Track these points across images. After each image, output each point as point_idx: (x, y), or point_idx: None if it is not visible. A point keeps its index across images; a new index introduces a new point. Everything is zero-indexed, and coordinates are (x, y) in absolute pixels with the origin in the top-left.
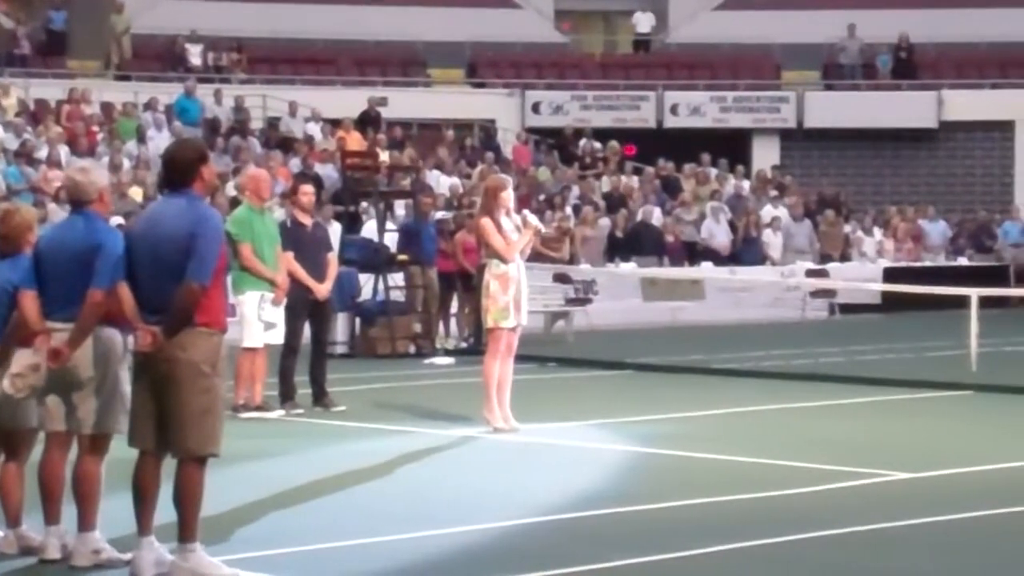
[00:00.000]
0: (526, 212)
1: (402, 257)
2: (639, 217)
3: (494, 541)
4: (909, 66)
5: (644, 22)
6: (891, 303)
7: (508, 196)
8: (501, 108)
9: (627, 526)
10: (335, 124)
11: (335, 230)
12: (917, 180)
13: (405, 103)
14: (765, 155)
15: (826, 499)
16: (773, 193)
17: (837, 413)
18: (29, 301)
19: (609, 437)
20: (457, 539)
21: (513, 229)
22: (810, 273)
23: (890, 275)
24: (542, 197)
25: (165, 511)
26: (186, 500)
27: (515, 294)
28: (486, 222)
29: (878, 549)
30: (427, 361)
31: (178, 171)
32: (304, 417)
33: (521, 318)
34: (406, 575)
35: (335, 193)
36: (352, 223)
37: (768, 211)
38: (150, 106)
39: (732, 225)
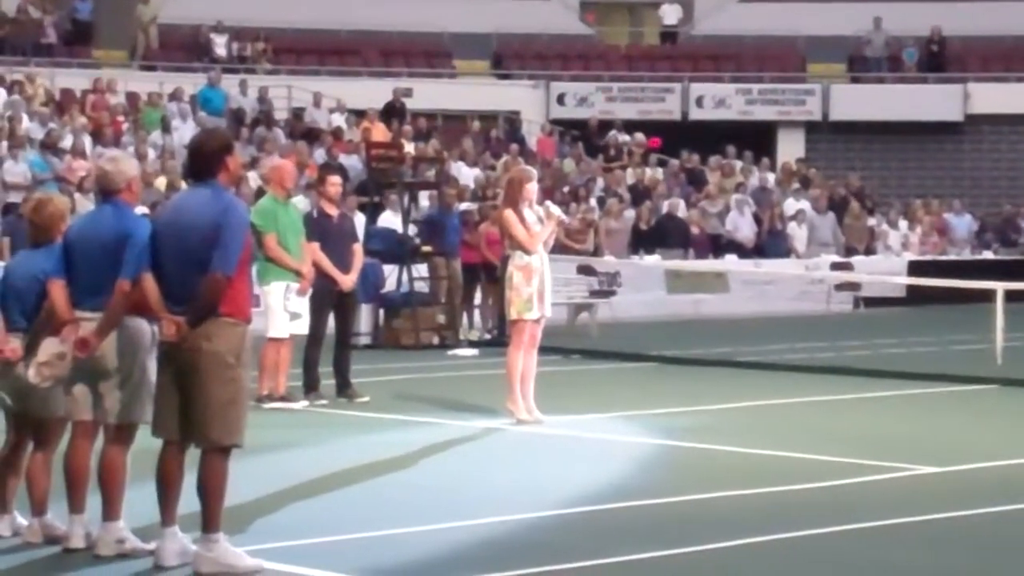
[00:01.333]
0: (548, 203)
1: (426, 248)
2: (664, 209)
3: (518, 533)
4: (936, 59)
5: (671, 14)
6: (916, 296)
7: (532, 188)
8: (526, 100)
9: (650, 519)
10: (360, 115)
11: (359, 221)
12: (942, 173)
13: (430, 94)
14: (790, 148)
15: (850, 493)
16: (797, 186)
17: (861, 407)
18: (58, 290)
19: (633, 429)
20: (481, 531)
21: (536, 221)
22: (835, 266)
23: (915, 268)
24: (566, 189)
25: (189, 501)
26: (210, 490)
27: (538, 285)
28: (509, 214)
29: (903, 543)
30: (451, 352)
31: (203, 161)
32: (328, 408)
33: (545, 309)
34: (429, 567)
35: (360, 184)
36: (376, 214)
37: (793, 204)
38: (175, 96)
39: (757, 218)
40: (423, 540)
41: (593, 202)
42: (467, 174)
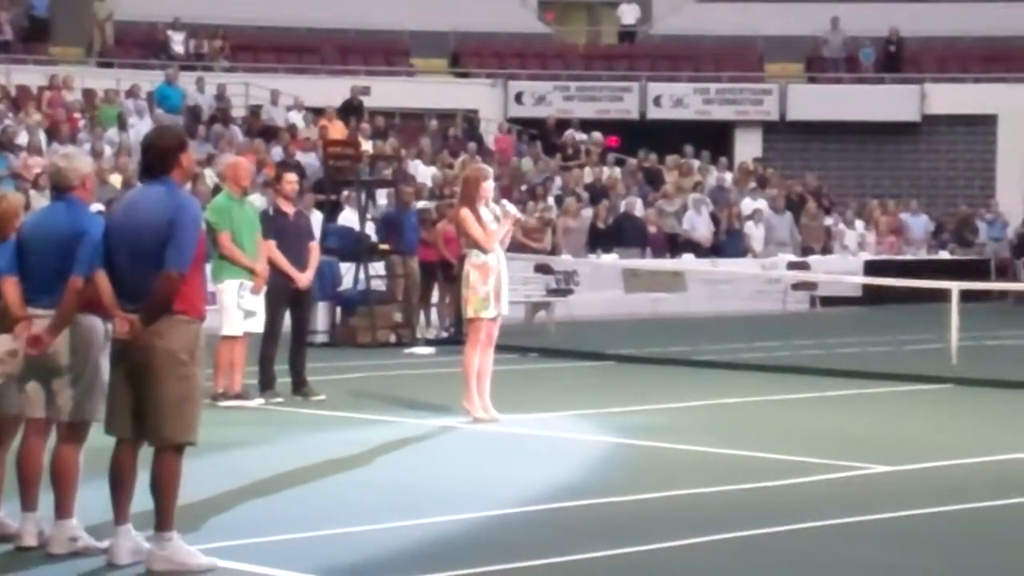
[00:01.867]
0: (504, 202)
1: (383, 246)
2: (621, 208)
3: (474, 531)
4: (893, 59)
5: (629, 13)
6: (872, 296)
7: (489, 186)
8: (484, 98)
9: (606, 517)
10: (317, 113)
11: (315, 219)
12: (899, 173)
13: (388, 92)
14: (747, 147)
15: (805, 491)
16: (755, 185)
17: (817, 406)
18: (11, 287)
19: (589, 428)
20: (437, 529)
21: (492, 219)
22: (791, 266)
23: (871, 268)
24: (524, 188)
25: (142, 499)
26: (163, 488)
27: (495, 284)
28: (466, 212)
29: (856, 542)
30: (408, 351)
31: (157, 158)
32: (284, 406)
33: (501, 308)
34: (385, 565)
35: (317, 182)
36: (334, 212)
37: (750, 203)
38: (132, 93)
39: (714, 217)
40: (378, 538)
41: (551, 201)
42: (424, 172)
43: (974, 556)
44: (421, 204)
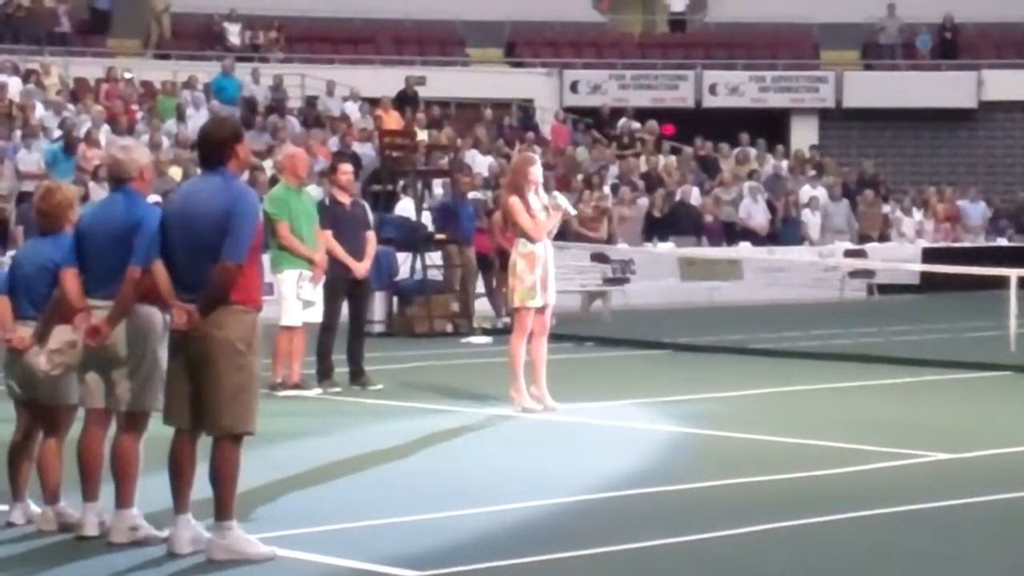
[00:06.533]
0: (556, 193)
1: (440, 236)
2: (677, 197)
3: (532, 520)
4: (950, 46)
5: (678, 1)
6: (930, 283)
7: (537, 172)
8: (539, 87)
9: (664, 506)
10: (373, 103)
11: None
12: (956, 160)
13: (443, 82)
14: (803, 135)
15: (864, 480)
16: (811, 173)
17: (875, 393)
18: (70, 279)
19: (646, 417)
20: (494, 518)
21: (541, 208)
22: (848, 253)
23: (929, 255)
24: (580, 177)
25: (202, 489)
26: (222, 478)
27: (542, 273)
28: (514, 200)
29: (916, 530)
30: (464, 340)
31: (213, 149)
32: (341, 396)
33: (548, 297)
34: (442, 554)
35: (373, 172)
36: (390, 202)
37: (806, 191)
38: (189, 85)
39: (770, 205)
40: (436, 527)
41: (607, 190)
42: (481, 162)
43: None
44: (477, 194)
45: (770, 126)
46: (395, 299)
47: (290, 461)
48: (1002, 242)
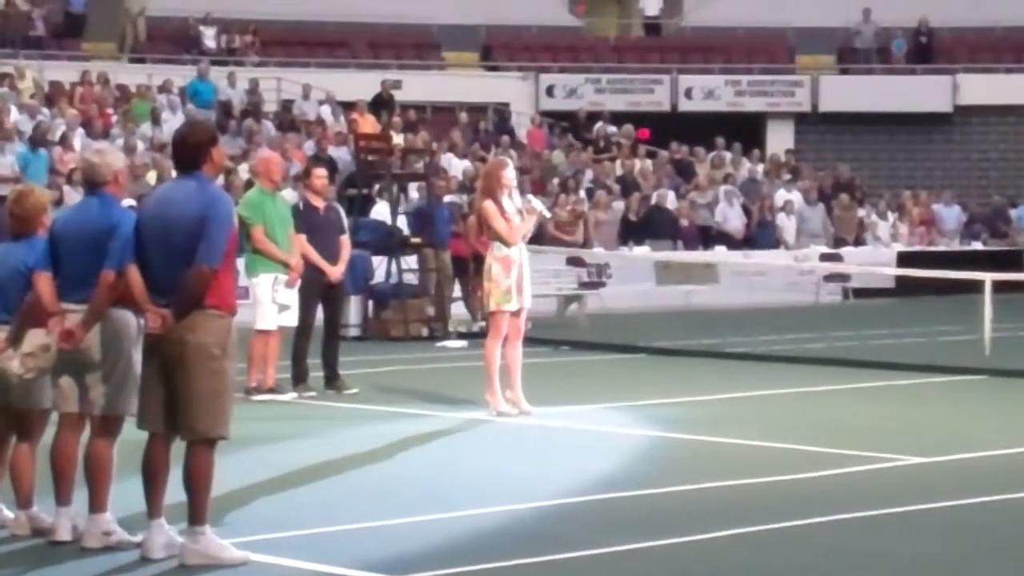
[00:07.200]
0: (531, 197)
1: (415, 240)
2: (653, 201)
3: (507, 524)
4: (925, 50)
5: (652, 5)
6: (905, 287)
7: (510, 176)
8: (515, 91)
9: (638, 510)
10: (348, 107)
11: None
12: (932, 164)
13: (419, 86)
14: (779, 139)
15: (837, 483)
16: (787, 177)
17: (850, 397)
18: (44, 283)
19: (622, 421)
20: (468, 522)
21: (515, 212)
22: (824, 257)
23: (904, 259)
24: (556, 181)
25: (175, 493)
26: (196, 483)
27: (517, 277)
28: (488, 204)
29: (890, 533)
30: (439, 344)
31: (188, 153)
32: (316, 400)
33: (524, 301)
34: (416, 558)
35: (348, 176)
36: (365, 206)
37: (782, 195)
38: (164, 88)
39: (746, 209)
40: (411, 532)
41: (582, 193)
42: (456, 166)
43: (1009, 547)
44: (452, 198)
45: (746, 130)
46: (370, 303)
47: (264, 465)
48: (977, 246)
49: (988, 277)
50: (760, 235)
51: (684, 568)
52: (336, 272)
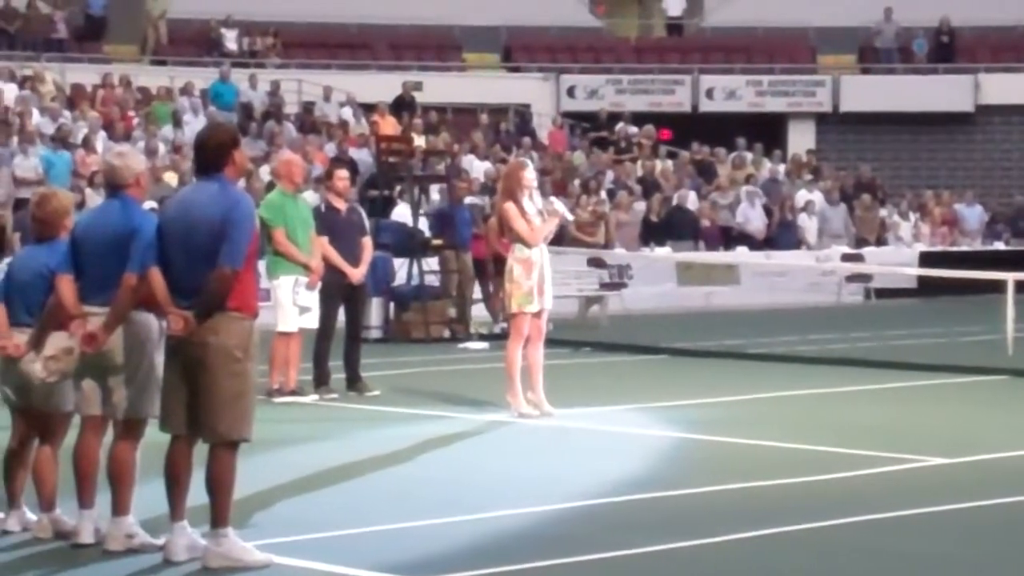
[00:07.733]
0: (552, 199)
1: (436, 242)
2: (674, 201)
3: (527, 527)
4: (947, 50)
5: (675, 5)
6: (927, 288)
7: (530, 176)
8: (536, 92)
9: (661, 512)
10: (370, 109)
11: None
12: (954, 164)
13: (440, 88)
14: (801, 139)
15: (860, 484)
16: (808, 177)
17: (872, 398)
18: (66, 285)
19: (643, 422)
20: (490, 524)
21: (536, 213)
22: (846, 257)
23: (926, 260)
24: (577, 181)
25: (198, 496)
26: (218, 485)
27: (538, 278)
28: (509, 206)
29: (912, 534)
30: (461, 346)
31: (210, 155)
32: (338, 402)
33: (545, 302)
34: (438, 561)
35: (370, 177)
36: (387, 207)
37: (803, 195)
38: (186, 91)
39: (767, 209)
40: (433, 533)
41: (603, 194)
42: (478, 167)
43: None
44: (474, 199)
45: (767, 130)
46: (392, 305)
47: (286, 468)
48: (999, 246)
49: (1010, 277)
50: (781, 236)
51: (708, 570)
52: (358, 274)
